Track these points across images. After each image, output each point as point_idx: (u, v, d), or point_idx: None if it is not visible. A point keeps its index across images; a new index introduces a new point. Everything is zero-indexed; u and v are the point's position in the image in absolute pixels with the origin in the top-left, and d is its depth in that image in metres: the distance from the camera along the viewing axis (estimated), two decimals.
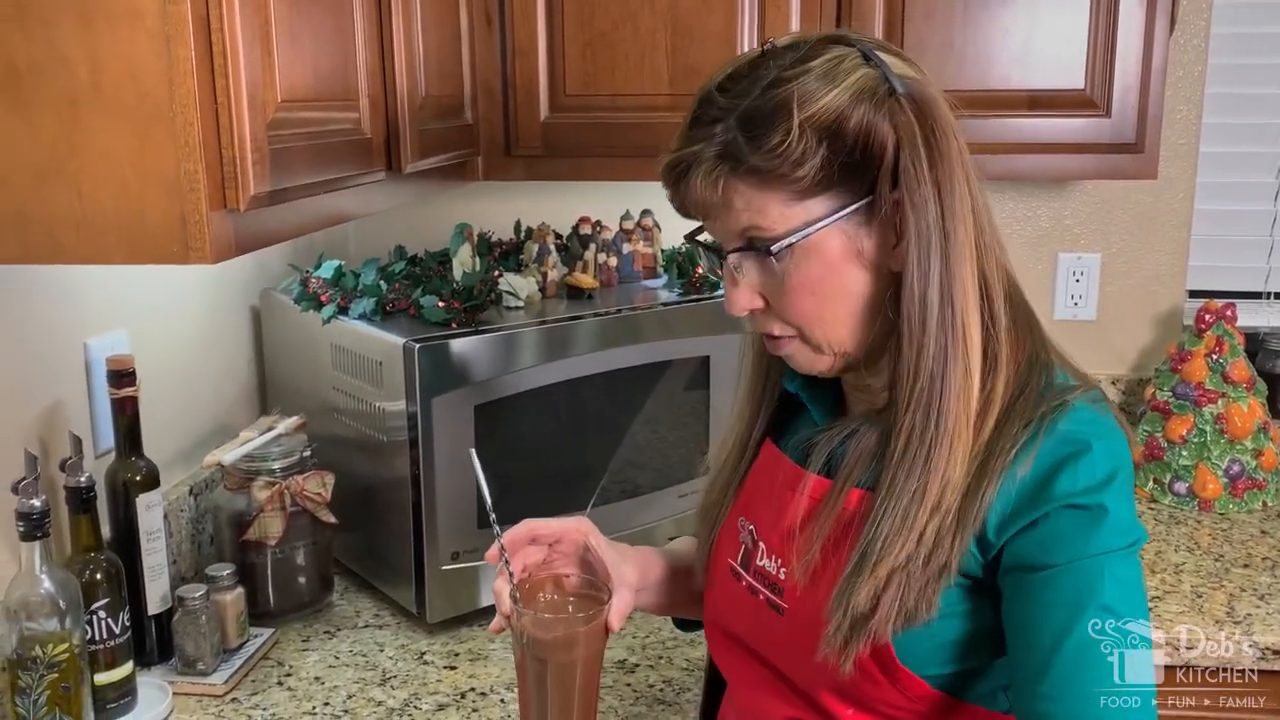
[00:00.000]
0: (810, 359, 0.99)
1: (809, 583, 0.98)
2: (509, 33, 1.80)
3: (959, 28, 1.77)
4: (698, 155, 0.92)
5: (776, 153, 0.89)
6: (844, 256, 0.94)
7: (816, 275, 0.94)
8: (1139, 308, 2.21)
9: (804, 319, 0.96)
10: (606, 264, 1.86)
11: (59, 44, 0.95)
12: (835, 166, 0.90)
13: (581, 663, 1.04)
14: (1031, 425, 0.92)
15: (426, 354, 1.48)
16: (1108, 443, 0.93)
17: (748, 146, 0.90)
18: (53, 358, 1.40)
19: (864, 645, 0.93)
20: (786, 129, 0.89)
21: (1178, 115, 2.11)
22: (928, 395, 0.92)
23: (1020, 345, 0.97)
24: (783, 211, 0.92)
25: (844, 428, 1.00)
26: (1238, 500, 1.98)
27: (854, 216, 0.93)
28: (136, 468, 1.40)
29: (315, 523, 1.57)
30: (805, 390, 1.07)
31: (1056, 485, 0.90)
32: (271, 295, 1.82)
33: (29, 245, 1.00)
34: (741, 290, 0.97)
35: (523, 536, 1.08)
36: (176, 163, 0.97)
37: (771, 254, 0.92)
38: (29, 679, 1.18)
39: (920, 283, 0.92)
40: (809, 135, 0.89)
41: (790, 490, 1.02)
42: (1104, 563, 0.90)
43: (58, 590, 1.19)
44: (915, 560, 0.91)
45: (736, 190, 0.92)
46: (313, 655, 1.51)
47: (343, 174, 1.25)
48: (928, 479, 0.91)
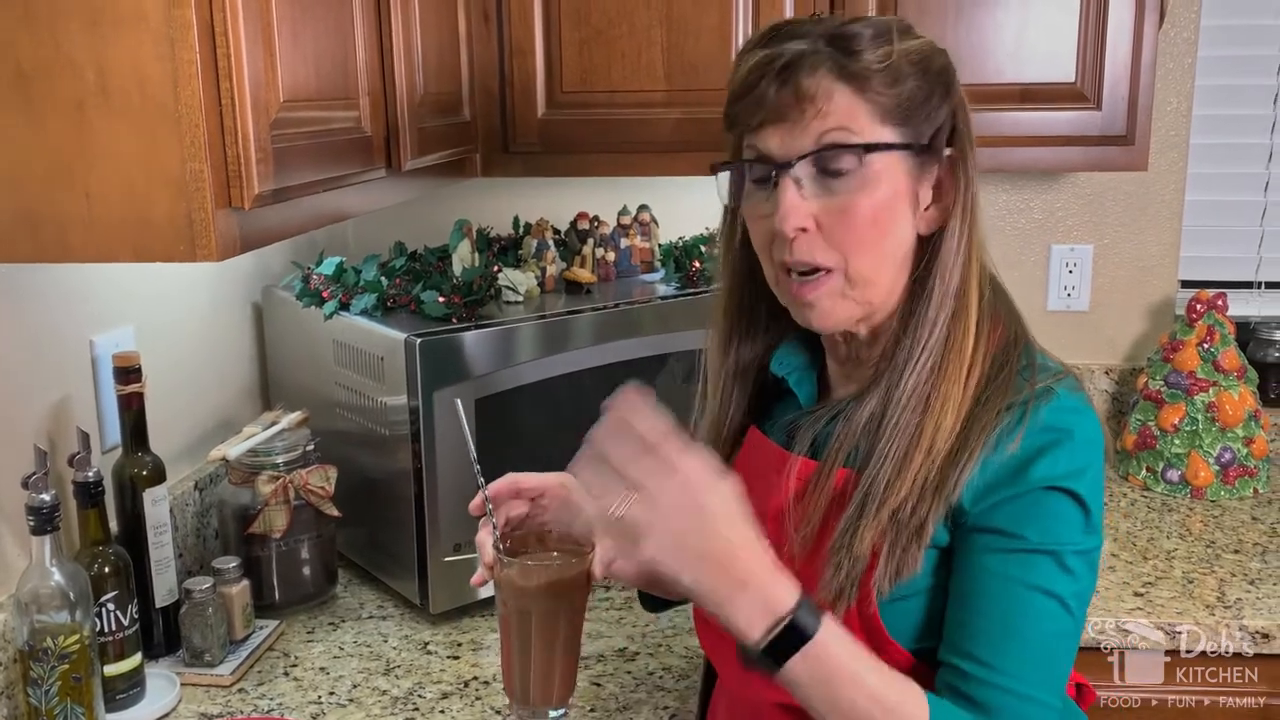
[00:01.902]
0: (834, 304, 1.00)
1: (801, 562, 1.00)
2: (506, 31, 1.81)
3: (951, 23, 1.79)
4: (803, 52, 0.94)
5: (881, 64, 0.94)
6: (904, 194, 0.98)
7: (881, 201, 0.97)
8: (1131, 298, 2.23)
9: (857, 244, 0.97)
10: (604, 259, 1.88)
11: (66, 47, 0.98)
12: (918, 101, 0.96)
13: (565, 612, 1.05)
14: (1016, 408, 0.96)
15: (427, 349, 1.50)
16: (1087, 431, 0.97)
17: (851, 55, 0.94)
18: (60, 355, 1.42)
19: (855, 597, 0.95)
20: (888, 49, 0.94)
21: (1168, 107, 2.13)
22: (940, 345, 0.98)
23: (997, 319, 1.02)
24: (870, 125, 0.96)
25: (830, 409, 1.03)
26: (1229, 487, 2.00)
27: (918, 160, 0.98)
28: (143, 463, 1.42)
29: (319, 516, 1.60)
30: (794, 373, 1.10)
31: (1037, 468, 0.94)
32: (273, 292, 1.84)
33: (39, 245, 1.02)
34: (799, 207, 0.96)
35: (506, 489, 1.10)
36: (182, 163, 0.99)
37: (861, 156, 0.95)
38: (41, 670, 1.20)
39: (957, 240, 0.98)
40: (904, 61, 0.95)
41: (777, 473, 1.05)
42: (1067, 558, 0.94)
43: (68, 583, 1.22)
44: (904, 510, 0.95)
45: (836, 90, 0.95)
46: (318, 646, 1.53)
47: (344, 172, 1.27)
48: (923, 423, 0.96)
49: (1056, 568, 0.94)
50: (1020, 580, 0.94)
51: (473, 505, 1.07)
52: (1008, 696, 0.94)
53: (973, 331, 0.98)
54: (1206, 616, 1.57)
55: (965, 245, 0.99)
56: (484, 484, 1.06)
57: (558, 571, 1.04)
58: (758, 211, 1.01)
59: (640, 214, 1.94)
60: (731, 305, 1.15)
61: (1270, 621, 1.56)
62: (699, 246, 1.90)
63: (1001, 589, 0.94)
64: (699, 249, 1.90)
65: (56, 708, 1.21)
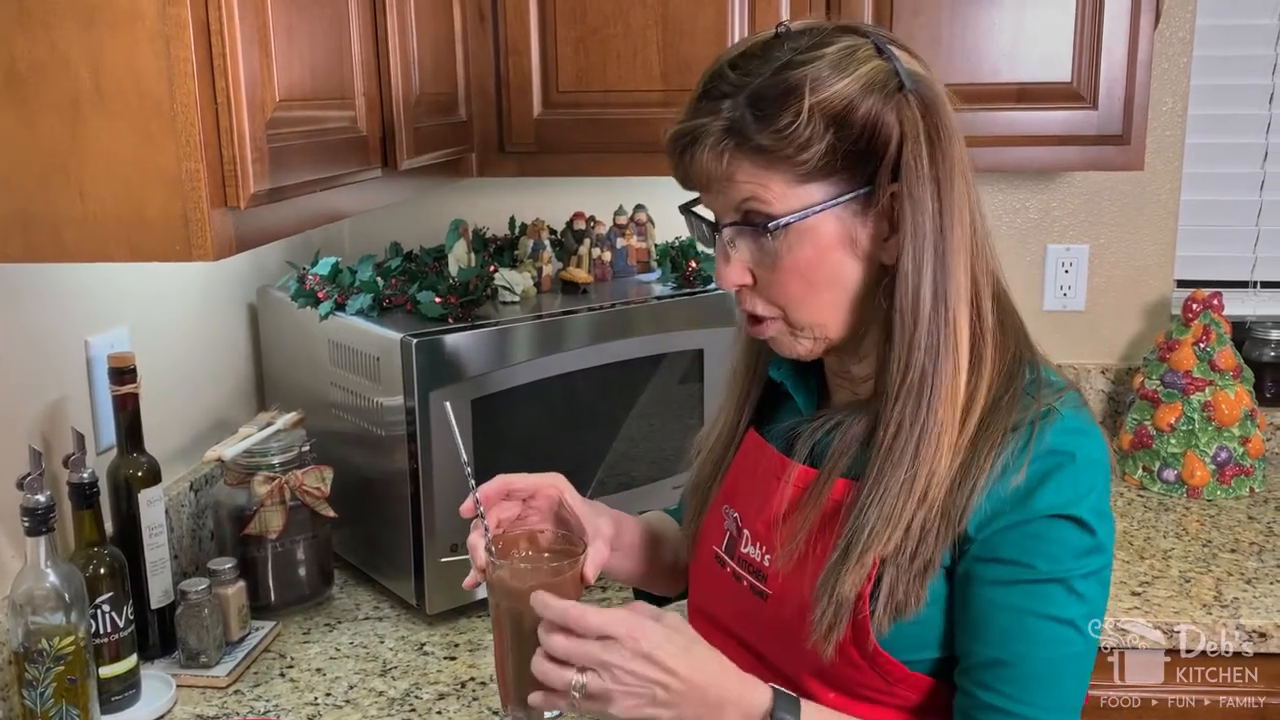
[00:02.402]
0: (790, 342, 1.01)
1: (793, 569, 1.00)
2: (502, 30, 1.81)
3: (947, 22, 1.79)
4: (705, 128, 0.94)
5: (784, 134, 0.91)
6: (837, 243, 0.96)
7: (808, 259, 0.96)
8: (1127, 298, 2.23)
9: (790, 301, 0.98)
10: (601, 259, 1.88)
11: (61, 46, 0.97)
12: (839, 154, 0.92)
13: None
14: (1021, 431, 0.94)
15: (424, 349, 1.50)
16: (1091, 453, 0.95)
17: (755, 125, 0.92)
18: (55, 355, 1.41)
19: (847, 634, 0.95)
20: (796, 111, 0.91)
21: (1164, 107, 2.13)
22: (917, 389, 0.94)
23: (1005, 345, 0.99)
24: (784, 191, 0.94)
25: (829, 418, 1.02)
26: (1225, 487, 2.00)
27: (852, 205, 0.95)
28: (138, 463, 1.42)
29: (315, 517, 1.59)
30: (790, 378, 1.09)
31: (1041, 497, 0.93)
32: (269, 293, 1.84)
33: (34, 244, 1.02)
34: (734, 265, 0.98)
35: (498, 491, 1.10)
36: (178, 162, 0.99)
37: (768, 231, 0.94)
38: (36, 672, 1.20)
39: (914, 277, 0.93)
40: (817, 120, 0.91)
41: (775, 479, 1.05)
42: (1076, 583, 0.94)
43: (63, 584, 1.21)
44: (904, 553, 0.94)
45: (740, 166, 0.94)
46: (314, 647, 1.53)
47: (340, 171, 1.26)
48: (915, 471, 0.93)
49: (1066, 593, 0.93)
50: (1032, 611, 0.94)
51: (464, 508, 1.07)
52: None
53: (964, 368, 0.95)
54: (1204, 616, 1.58)
55: (934, 274, 0.93)
56: (475, 486, 1.06)
57: (550, 574, 1.04)
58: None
59: (636, 214, 1.94)
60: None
61: (1267, 621, 1.56)
62: (695, 246, 1.90)
63: (1014, 621, 0.94)
64: (695, 249, 1.89)
65: (52, 709, 1.21)
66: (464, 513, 1.07)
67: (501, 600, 1.04)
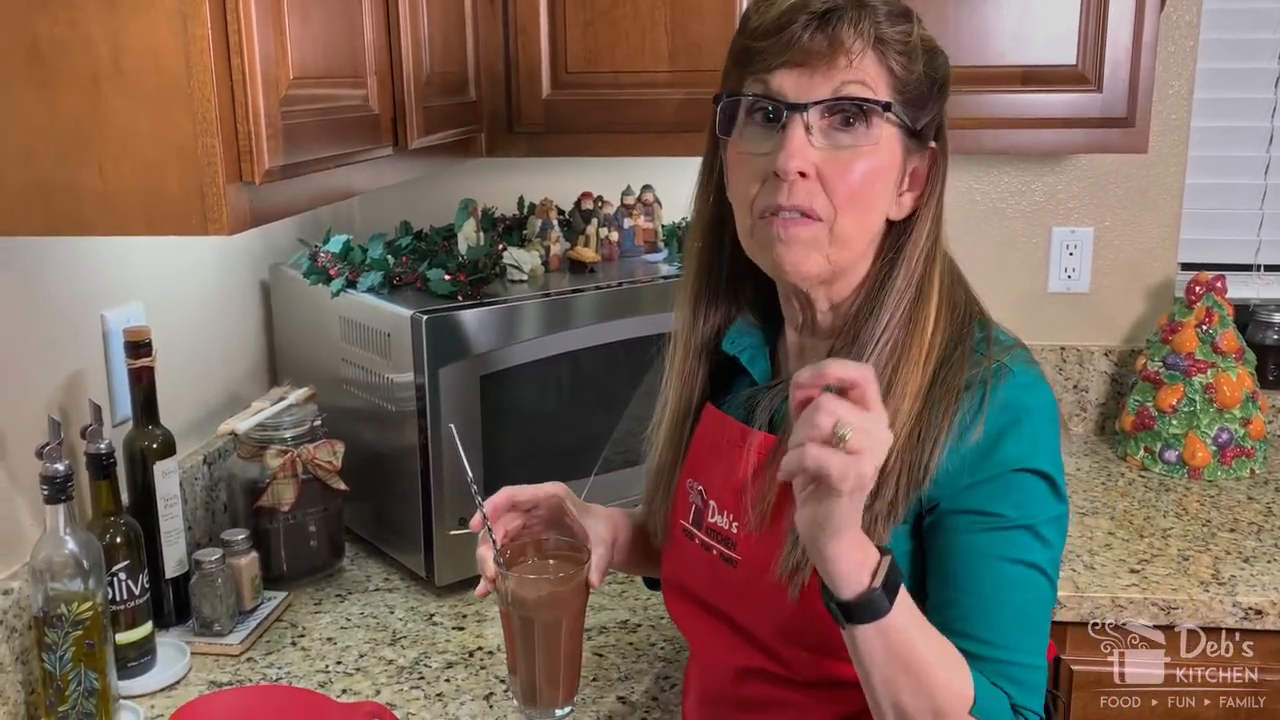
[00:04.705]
0: (807, 253, 1.00)
1: (762, 534, 1.03)
2: (511, 11, 1.82)
3: (954, 4, 1.80)
4: (842, 6, 0.97)
5: (907, 40, 0.98)
6: (894, 169, 1.01)
7: (878, 166, 1.00)
8: (1131, 280, 2.24)
9: (850, 201, 0.99)
10: (608, 238, 1.90)
11: (81, 24, 0.99)
12: (924, 87, 1.00)
13: (565, 619, 1.10)
14: (974, 389, 0.98)
15: (433, 326, 1.52)
16: (1042, 405, 1.01)
17: (889, 23, 0.98)
18: (72, 329, 1.44)
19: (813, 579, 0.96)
20: (910, 31, 0.99)
21: (1169, 90, 2.14)
22: (900, 331, 1.00)
23: (953, 301, 1.05)
24: (886, 92, 0.99)
25: (787, 383, 1.04)
26: (1226, 468, 2.02)
27: (910, 143, 1.02)
28: (153, 436, 1.44)
29: (326, 490, 1.62)
30: (745, 352, 1.12)
31: (1003, 450, 0.97)
32: (280, 270, 1.86)
33: (54, 217, 1.04)
34: (806, 150, 0.97)
35: (502, 503, 1.14)
36: (195, 138, 1.01)
37: (878, 108, 0.97)
38: (55, 636, 1.23)
39: (928, 234, 1.02)
40: (919, 46, 1.00)
41: (737, 448, 1.07)
42: (1042, 528, 0.98)
43: (81, 551, 1.24)
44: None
45: (868, 52, 0.97)
46: (325, 617, 1.56)
47: (352, 149, 1.28)
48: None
49: (1033, 539, 0.98)
50: (1003, 556, 0.98)
51: (473, 523, 1.12)
52: (1012, 668, 0.97)
53: (933, 318, 1.01)
54: (1201, 593, 1.60)
55: (932, 234, 1.03)
56: (482, 503, 1.10)
57: (557, 583, 1.10)
58: (753, 149, 1.00)
59: (644, 194, 1.96)
60: (702, 264, 1.14)
61: (1263, 598, 1.58)
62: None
63: (986, 566, 0.98)
64: None
65: (70, 673, 1.24)
66: (473, 527, 1.12)
67: (512, 608, 1.09)
